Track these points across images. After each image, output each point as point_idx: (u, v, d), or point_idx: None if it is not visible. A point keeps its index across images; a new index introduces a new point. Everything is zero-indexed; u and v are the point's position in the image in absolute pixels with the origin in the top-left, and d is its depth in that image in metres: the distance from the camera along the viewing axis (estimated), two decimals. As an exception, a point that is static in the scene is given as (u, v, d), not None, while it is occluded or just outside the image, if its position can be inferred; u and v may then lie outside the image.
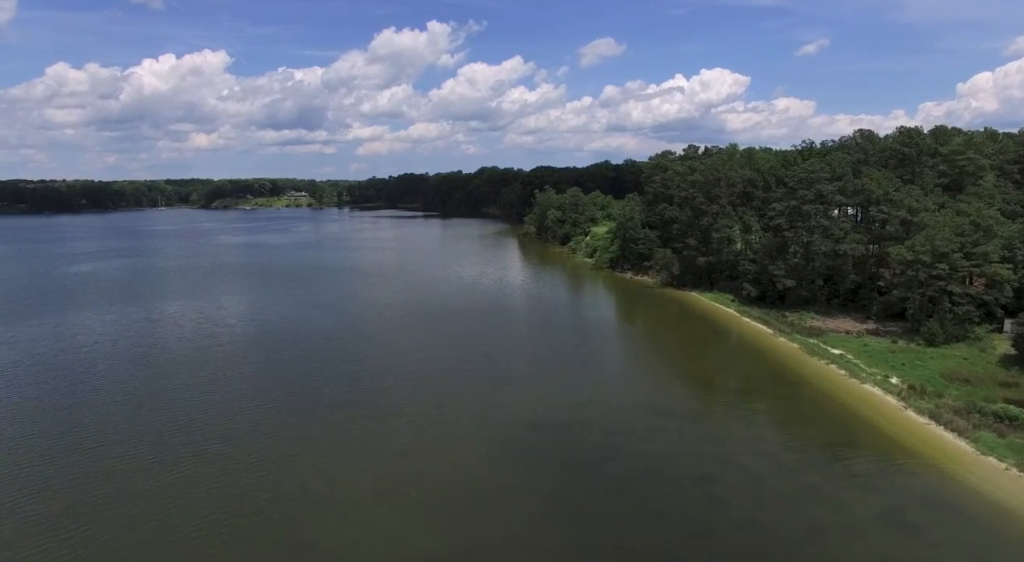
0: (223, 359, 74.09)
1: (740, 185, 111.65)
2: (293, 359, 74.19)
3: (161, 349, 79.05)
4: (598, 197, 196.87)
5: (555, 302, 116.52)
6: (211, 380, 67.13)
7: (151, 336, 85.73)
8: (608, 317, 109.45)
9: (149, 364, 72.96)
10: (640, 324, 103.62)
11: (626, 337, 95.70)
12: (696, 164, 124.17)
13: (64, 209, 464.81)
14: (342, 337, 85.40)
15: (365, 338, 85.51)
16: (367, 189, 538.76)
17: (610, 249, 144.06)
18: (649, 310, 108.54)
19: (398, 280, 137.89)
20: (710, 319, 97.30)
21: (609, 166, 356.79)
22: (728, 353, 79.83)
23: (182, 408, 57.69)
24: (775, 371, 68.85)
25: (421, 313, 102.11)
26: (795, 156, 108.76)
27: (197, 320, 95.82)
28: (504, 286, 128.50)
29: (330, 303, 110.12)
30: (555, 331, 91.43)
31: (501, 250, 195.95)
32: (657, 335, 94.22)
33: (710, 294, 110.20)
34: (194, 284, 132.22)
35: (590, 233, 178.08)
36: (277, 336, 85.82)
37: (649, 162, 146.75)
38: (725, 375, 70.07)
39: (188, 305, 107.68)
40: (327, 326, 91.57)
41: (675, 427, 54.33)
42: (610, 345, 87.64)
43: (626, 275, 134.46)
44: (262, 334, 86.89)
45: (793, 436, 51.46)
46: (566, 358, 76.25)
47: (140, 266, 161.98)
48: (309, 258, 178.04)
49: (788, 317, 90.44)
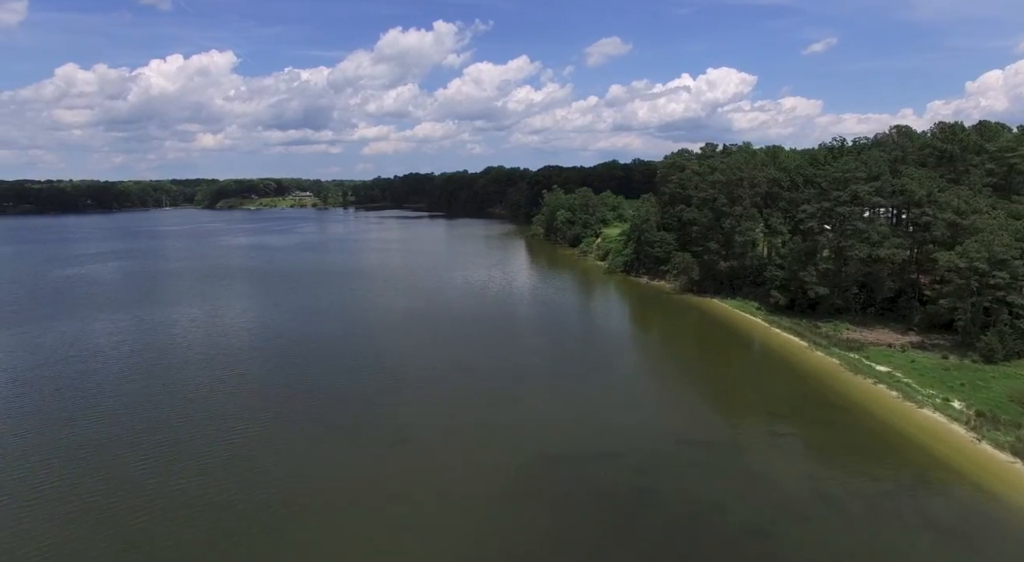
0: (208, 377, 67.43)
1: (764, 185, 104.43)
2: (286, 376, 67.51)
3: (142, 365, 72.45)
4: (609, 197, 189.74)
5: (568, 309, 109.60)
6: (191, 399, 60.75)
7: (133, 348, 79.14)
8: (625, 326, 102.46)
9: (128, 379, 66.46)
10: (661, 334, 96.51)
11: (646, 349, 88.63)
12: (716, 163, 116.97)
13: (69, 209, 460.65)
14: (341, 351, 78.68)
15: (366, 351, 78.79)
16: (372, 189, 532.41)
17: (624, 252, 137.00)
18: (669, 319, 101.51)
19: (403, 285, 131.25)
20: (736, 329, 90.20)
21: (617, 165, 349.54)
22: (761, 369, 72.68)
23: (151, 443, 51.13)
24: (817, 391, 61.74)
25: (426, 322, 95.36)
26: (824, 154, 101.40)
27: (187, 329, 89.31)
28: (513, 291, 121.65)
29: (330, 310, 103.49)
30: (569, 342, 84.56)
31: (508, 252, 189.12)
32: (680, 347, 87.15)
33: (733, 301, 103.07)
34: (189, 289, 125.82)
35: (601, 235, 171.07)
36: (271, 348, 79.19)
37: (664, 161, 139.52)
38: (761, 395, 62.99)
39: (179, 312, 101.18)
40: (325, 337, 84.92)
41: (715, 461, 47.40)
42: (630, 358, 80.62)
43: (641, 280, 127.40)
44: (255, 347, 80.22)
45: (852, 473, 44.37)
46: (584, 374, 69.36)
47: (135, 269, 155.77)
48: (311, 261, 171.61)
49: (821, 328, 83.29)
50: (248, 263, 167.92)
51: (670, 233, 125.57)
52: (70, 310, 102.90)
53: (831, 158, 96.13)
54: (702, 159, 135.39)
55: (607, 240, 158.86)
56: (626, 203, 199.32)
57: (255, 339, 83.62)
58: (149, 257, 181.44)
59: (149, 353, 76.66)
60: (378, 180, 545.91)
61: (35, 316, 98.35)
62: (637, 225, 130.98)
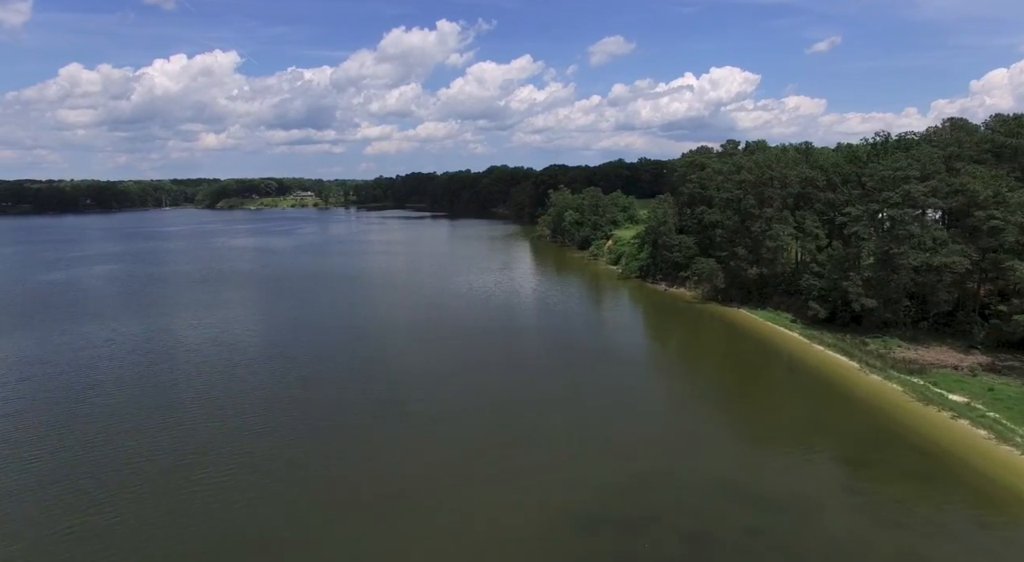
0: (178, 401, 57.94)
1: (797, 185, 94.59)
2: (270, 401, 57.99)
3: (107, 384, 62.93)
4: (619, 197, 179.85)
5: (582, 322, 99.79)
6: (161, 427, 51.59)
7: (101, 365, 69.60)
8: (648, 342, 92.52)
9: (85, 401, 57.06)
10: (689, 351, 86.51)
11: (676, 370, 78.56)
12: (740, 161, 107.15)
13: (69, 209, 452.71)
14: (333, 371, 69.06)
15: (361, 371, 69.20)
16: (374, 189, 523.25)
17: (639, 256, 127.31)
18: (695, 332, 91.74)
19: (404, 291, 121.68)
20: (772, 345, 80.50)
21: (623, 164, 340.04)
22: (811, 395, 62.77)
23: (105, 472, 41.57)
24: (887, 428, 51.99)
25: (428, 336, 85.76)
26: (865, 151, 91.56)
27: (165, 343, 79.81)
28: (521, 300, 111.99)
29: (325, 320, 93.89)
30: (586, 361, 74.91)
31: (514, 254, 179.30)
32: (713, 367, 77.14)
33: (763, 312, 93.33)
34: (176, 296, 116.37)
35: (612, 237, 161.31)
36: (257, 366, 69.61)
37: (682, 160, 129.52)
38: (820, 431, 53.25)
39: (160, 323, 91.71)
40: (318, 353, 75.32)
41: (784, 529, 37.72)
42: (658, 383, 70.73)
43: (659, 286, 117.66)
44: (239, 365, 70.54)
45: (975, 553, 34.75)
46: (606, 402, 59.71)
47: (123, 274, 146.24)
48: (309, 265, 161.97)
49: (869, 344, 73.61)
50: (242, 267, 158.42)
51: (690, 236, 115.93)
52: (40, 321, 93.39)
53: (874, 155, 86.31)
54: (723, 157, 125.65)
55: (619, 243, 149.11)
56: (636, 203, 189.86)
57: (234, 362, 73.99)
58: (139, 260, 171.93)
59: (107, 377, 67.09)
60: (380, 180, 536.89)
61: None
62: (653, 227, 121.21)
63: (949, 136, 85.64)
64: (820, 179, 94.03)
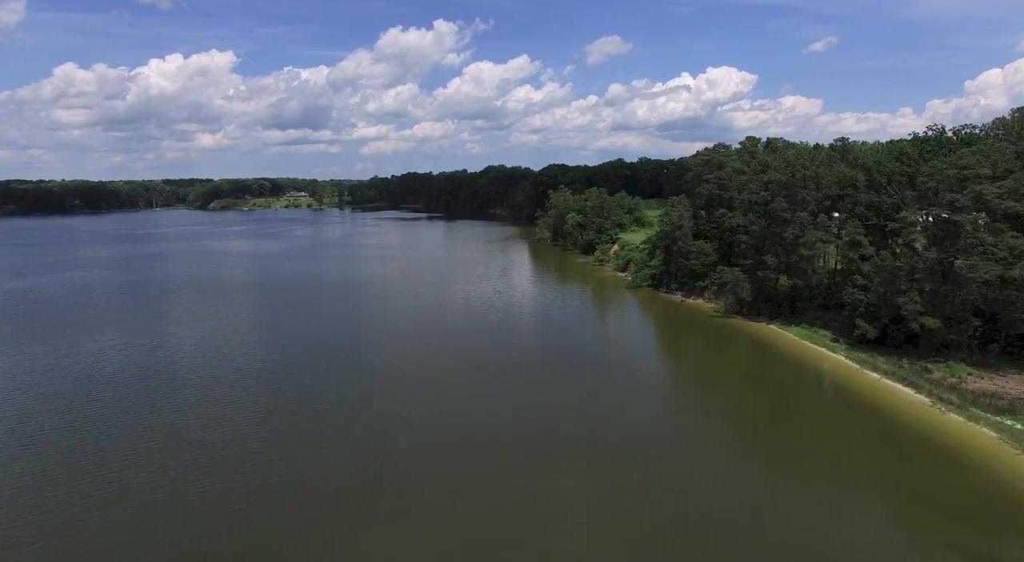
0: (120, 442, 46.37)
1: (835, 186, 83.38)
2: (230, 452, 46.49)
3: (41, 415, 51.32)
4: (624, 198, 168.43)
5: (594, 341, 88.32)
6: (98, 462, 40.21)
7: (29, 405, 57.88)
8: (672, 366, 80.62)
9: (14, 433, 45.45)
10: (720, 377, 74.35)
11: (709, 401, 66.39)
12: (767, 159, 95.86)
13: (56, 210, 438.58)
14: (308, 409, 57.55)
15: (343, 406, 57.74)
16: (369, 189, 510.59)
17: (651, 263, 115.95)
18: (723, 352, 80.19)
19: (396, 303, 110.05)
20: (814, 370, 69.27)
21: (623, 164, 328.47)
22: (880, 442, 51.02)
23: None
24: (1000, 494, 40.69)
25: (422, 360, 74.31)
26: (915, 148, 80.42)
27: (119, 365, 68.07)
28: (524, 312, 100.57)
29: (305, 338, 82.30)
30: (603, 388, 63.40)
31: (513, 259, 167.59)
32: (753, 399, 64.59)
33: (797, 329, 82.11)
34: (145, 309, 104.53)
35: (618, 241, 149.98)
36: (217, 400, 58.08)
37: (698, 158, 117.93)
38: (908, 496, 41.77)
39: (118, 341, 79.92)
40: (293, 381, 63.76)
41: None
42: (692, 420, 58.88)
43: (674, 296, 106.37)
44: (189, 406, 58.96)
45: None
46: (635, 450, 48.45)
47: (93, 281, 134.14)
48: (295, 272, 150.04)
49: (932, 371, 62.58)
50: (223, 274, 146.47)
51: (708, 241, 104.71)
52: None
53: (926, 151, 75.15)
54: (742, 155, 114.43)
55: (627, 248, 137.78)
56: (642, 204, 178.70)
57: (185, 403, 62.36)
58: (115, 266, 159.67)
59: (30, 425, 55.33)
60: (375, 180, 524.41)
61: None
62: (667, 232, 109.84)
63: (1018, 129, 74.46)
64: (860, 179, 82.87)
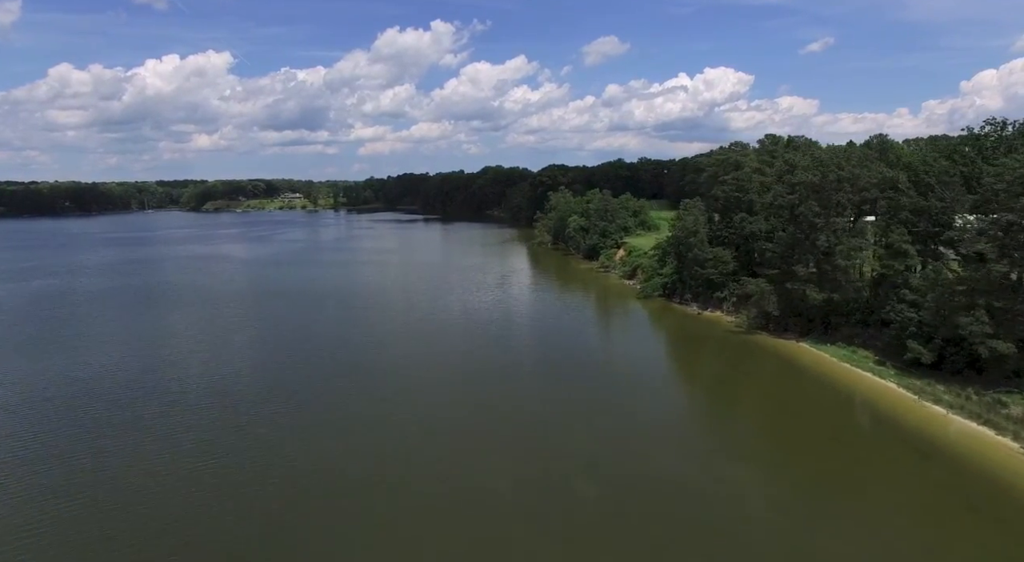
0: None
1: (875, 189, 73.85)
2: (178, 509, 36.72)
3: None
4: (629, 200, 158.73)
5: (602, 361, 78.34)
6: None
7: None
8: (689, 391, 70.63)
9: None
10: (751, 408, 63.91)
11: (738, 444, 56.88)
12: (795, 159, 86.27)
13: (46, 212, 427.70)
14: (278, 453, 47.80)
15: (321, 447, 48.01)
16: (364, 190, 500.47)
17: (662, 272, 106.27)
18: (748, 374, 70.28)
19: (387, 316, 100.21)
20: (864, 401, 59.59)
21: (623, 164, 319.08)
22: (986, 515, 41.05)
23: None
24: None
25: (415, 386, 64.51)
26: (970, 145, 71.00)
27: (55, 397, 58.12)
28: (525, 327, 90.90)
29: (281, 361, 72.46)
30: (623, 431, 53.71)
31: (513, 265, 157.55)
32: (794, 439, 54.25)
33: (833, 348, 72.57)
34: (107, 323, 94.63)
35: (623, 246, 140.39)
36: (157, 443, 48.29)
37: (713, 158, 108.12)
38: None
39: (62, 364, 69.92)
40: (258, 417, 53.98)
41: None
42: (717, 465, 49.24)
43: (689, 308, 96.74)
44: (116, 444, 49.14)
45: None
46: (653, 513, 38.82)
47: (58, 291, 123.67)
48: (281, 279, 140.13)
49: (1008, 406, 53.04)
50: (202, 281, 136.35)
51: (726, 248, 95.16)
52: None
53: (985, 149, 65.67)
54: (760, 155, 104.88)
55: (634, 253, 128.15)
56: (647, 206, 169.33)
57: (139, 450, 52.50)
58: (88, 273, 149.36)
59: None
60: (371, 181, 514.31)
61: None
62: (680, 238, 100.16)
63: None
64: (903, 180, 73.34)
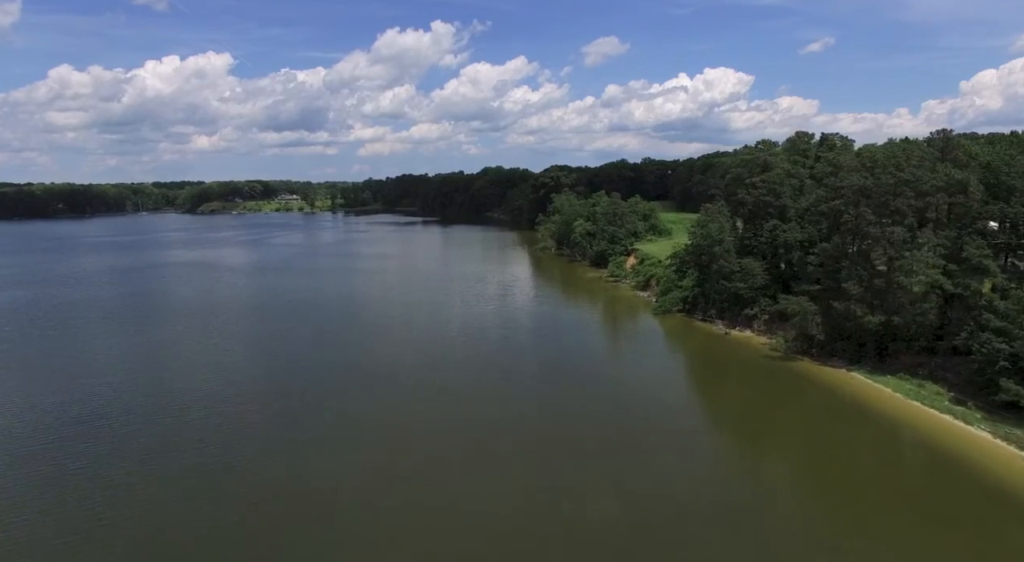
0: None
1: (944, 195, 62.59)
2: None
3: None
4: (639, 203, 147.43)
5: (618, 391, 66.64)
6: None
7: None
8: (724, 431, 58.82)
9: None
10: (802, 460, 53.02)
11: (782, 498, 45.87)
12: (841, 159, 74.97)
13: (38, 214, 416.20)
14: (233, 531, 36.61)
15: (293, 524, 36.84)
16: (362, 191, 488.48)
17: (681, 284, 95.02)
18: (797, 414, 58.78)
19: (384, 336, 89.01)
20: (946, 455, 48.31)
21: (626, 165, 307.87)
22: None
23: None
24: None
25: (411, 435, 53.28)
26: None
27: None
28: (529, 350, 79.68)
29: (252, 391, 61.21)
30: (637, 484, 42.57)
31: (516, 273, 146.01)
32: (863, 505, 42.72)
33: (892, 380, 61.29)
34: (69, 340, 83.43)
35: (634, 253, 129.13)
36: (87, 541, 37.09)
37: (739, 157, 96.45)
38: None
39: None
40: (223, 468, 42.76)
41: None
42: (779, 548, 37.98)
43: (714, 327, 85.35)
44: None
45: None
46: None
47: (25, 303, 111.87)
48: (263, 290, 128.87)
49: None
50: (179, 291, 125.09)
51: (755, 259, 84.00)
52: None
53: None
54: (791, 154, 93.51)
55: (647, 262, 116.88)
56: (656, 208, 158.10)
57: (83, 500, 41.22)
58: (61, 282, 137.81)
59: None
60: (369, 182, 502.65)
61: None
62: (703, 246, 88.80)
63: None
64: (974, 183, 62.17)
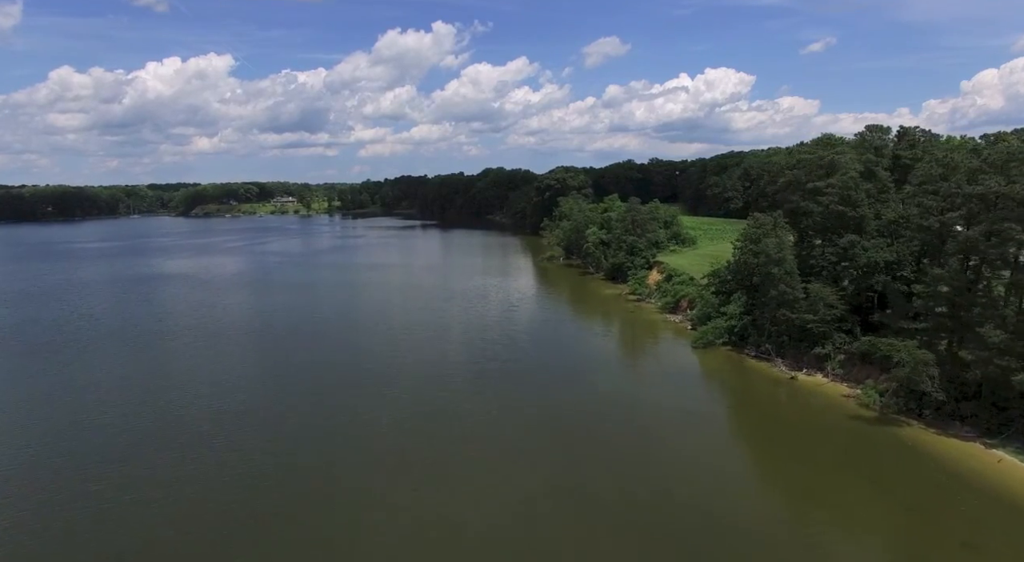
0: None
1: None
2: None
3: None
4: (659, 208, 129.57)
5: (659, 471, 48.84)
6: None
7: None
8: (810, 537, 41.72)
9: None
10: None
11: None
12: (956, 159, 56.95)
13: (26, 218, 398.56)
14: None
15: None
16: (361, 193, 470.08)
17: (724, 310, 77.15)
18: (920, 515, 40.68)
19: (372, 371, 71.14)
20: None
21: (633, 166, 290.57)
22: None
23: None
24: None
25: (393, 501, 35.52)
26: None
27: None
28: (544, 402, 61.78)
29: (218, 440, 43.48)
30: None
31: (521, 287, 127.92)
32: None
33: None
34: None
35: (657, 266, 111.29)
36: None
37: (797, 156, 78.00)
38: None
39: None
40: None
41: None
42: None
43: (774, 367, 67.25)
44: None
45: None
46: None
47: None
48: (239, 308, 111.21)
49: None
50: (143, 311, 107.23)
51: (823, 283, 66.16)
52: None
53: None
54: (862, 152, 75.40)
55: (674, 279, 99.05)
56: (670, 209, 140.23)
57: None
58: (26, 297, 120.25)
59: None
60: (367, 184, 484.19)
61: None
62: (755, 265, 70.87)
63: None
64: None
